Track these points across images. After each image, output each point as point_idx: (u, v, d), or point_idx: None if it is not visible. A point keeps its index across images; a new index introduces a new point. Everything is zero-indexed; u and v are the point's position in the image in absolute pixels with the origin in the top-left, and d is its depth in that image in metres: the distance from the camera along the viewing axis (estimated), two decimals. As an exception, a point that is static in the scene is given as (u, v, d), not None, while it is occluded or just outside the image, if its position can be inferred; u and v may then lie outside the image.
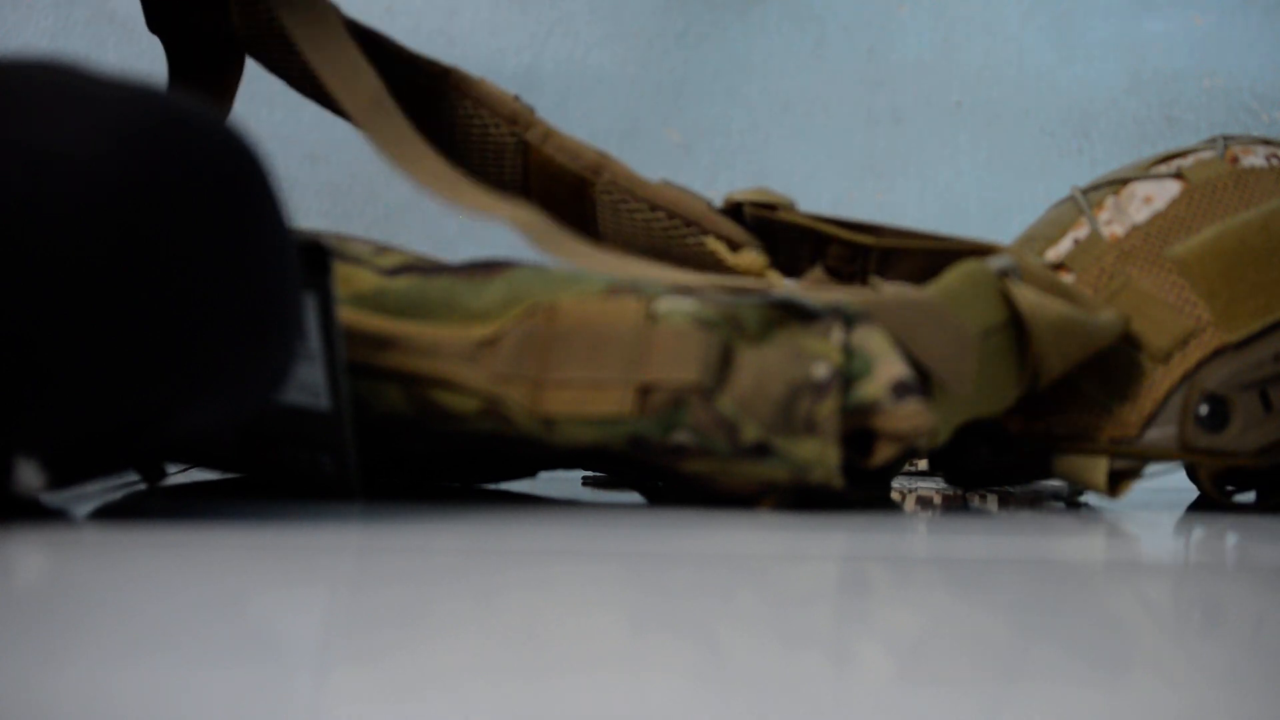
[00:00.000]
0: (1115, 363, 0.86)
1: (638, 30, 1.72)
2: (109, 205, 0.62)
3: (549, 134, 0.98)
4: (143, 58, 1.75)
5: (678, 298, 0.78)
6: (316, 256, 0.75)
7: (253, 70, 1.71)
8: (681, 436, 0.78)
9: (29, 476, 0.66)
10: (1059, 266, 0.89)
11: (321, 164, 1.71)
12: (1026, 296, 0.81)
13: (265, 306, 0.66)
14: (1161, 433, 0.86)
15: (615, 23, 1.73)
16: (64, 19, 1.73)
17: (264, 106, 1.73)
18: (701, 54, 1.71)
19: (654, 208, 0.95)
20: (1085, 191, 0.92)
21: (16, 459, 0.66)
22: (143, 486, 0.90)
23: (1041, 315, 0.82)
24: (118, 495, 0.84)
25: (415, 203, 1.71)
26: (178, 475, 0.99)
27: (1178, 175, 0.90)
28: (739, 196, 0.95)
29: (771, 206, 0.94)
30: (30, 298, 0.61)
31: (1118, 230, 0.89)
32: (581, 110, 1.72)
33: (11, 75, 0.65)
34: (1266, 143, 0.92)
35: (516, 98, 0.99)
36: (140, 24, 1.72)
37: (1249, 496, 0.94)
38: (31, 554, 0.59)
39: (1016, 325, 0.82)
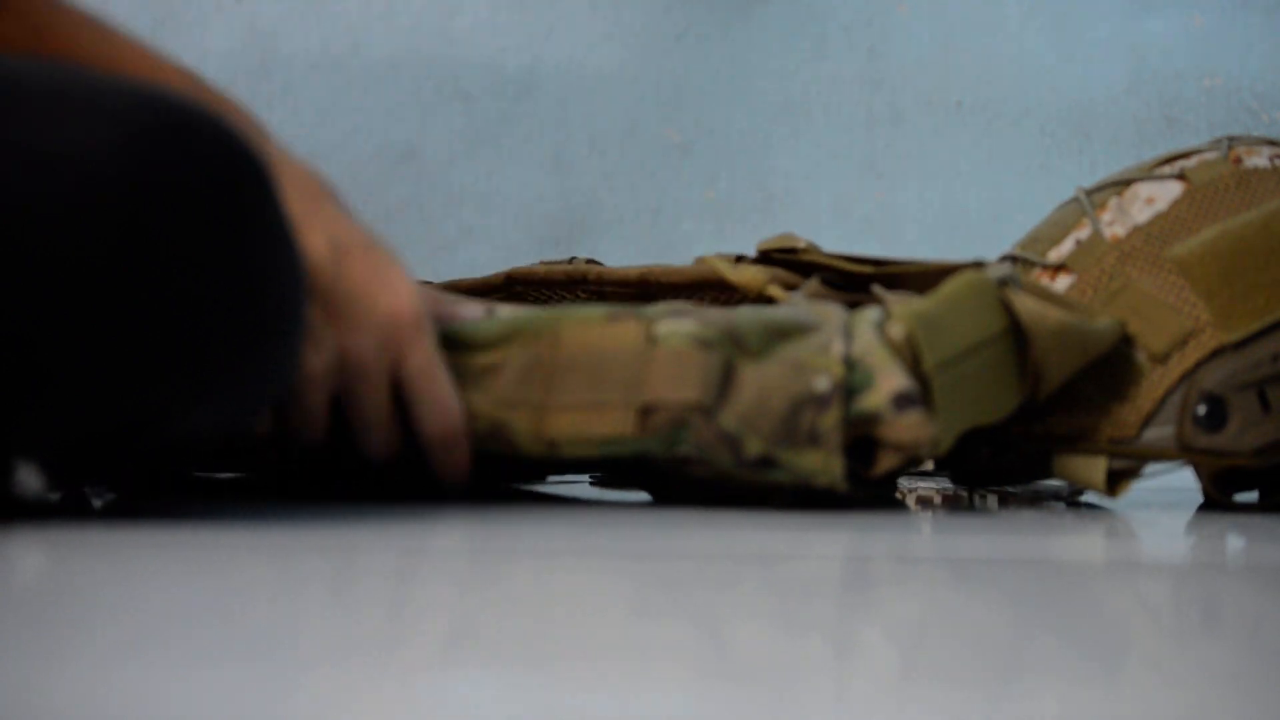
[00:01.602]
0: (1114, 363, 0.86)
1: (638, 30, 1.73)
2: (110, 206, 0.62)
3: (600, 272, 1.02)
4: (143, 58, 1.75)
5: (677, 319, 0.78)
6: None
7: (254, 71, 1.71)
8: (685, 450, 0.78)
9: (29, 478, 0.66)
10: (1061, 267, 0.89)
11: (321, 164, 1.72)
12: (1026, 305, 0.81)
13: (267, 308, 0.66)
14: (1160, 433, 0.86)
15: (615, 23, 1.73)
16: (64, 19, 1.73)
17: (264, 107, 1.73)
18: (701, 54, 1.71)
19: (695, 286, 0.98)
20: (1090, 192, 0.92)
21: (17, 460, 0.66)
22: (135, 489, 0.90)
23: (1041, 323, 0.82)
24: (118, 495, 0.84)
25: (415, 202, 1.71)
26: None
27: (1180, 176, 0.90)
28: (766, 245, 0.97)
29: (794, 250, 0.95)
30: (31, 298, 0.61)
31: (1119, 231, 0.89)
32: (581, 110, 1.72)
33: (14, 76, 0.66)
34: (1272, 143, 0.92)
35: (570, 259, 1.04)
36: (139, 24, 1.72)
37: (1251, 496, 0.94)
38: (32, 554, 0.59)
39: (1016, 333, 0.82)
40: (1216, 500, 0.92)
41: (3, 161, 0.61)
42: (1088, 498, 0.96)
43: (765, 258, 0.96)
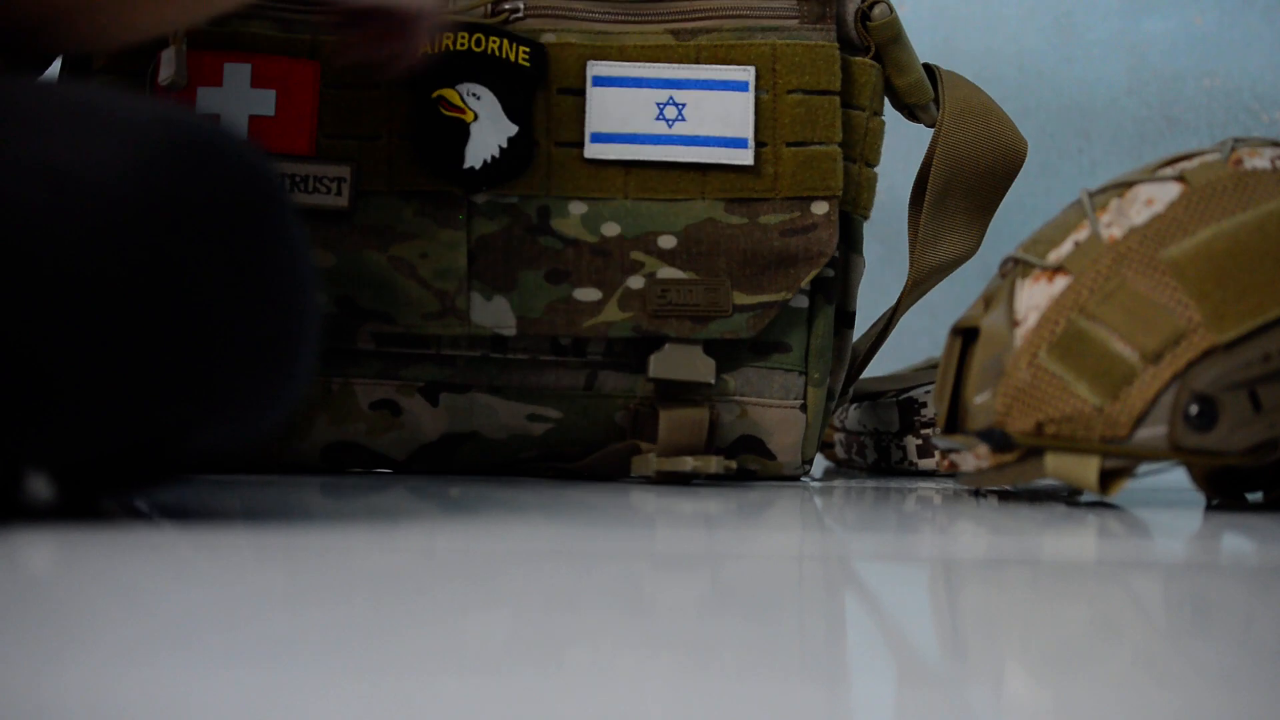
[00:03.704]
0: (1107, 363, 0.86)
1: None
2: (128, 226, 0.62)
3: None
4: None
5: None
6: None
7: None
8: None
9: (39, 488, 0.67)
10: (1059, 269, 0.89)
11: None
12: None
13: (281, 329, 0.66)
14: (1151, 432, 0.86)
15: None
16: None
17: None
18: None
19: None
20: (1093, 194, 0.92)
21: (27, 472, 0.66)
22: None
23: None
24: (121, 495, 0.84)
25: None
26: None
27: (1180, 178, 0.90)
28: None
29: None
30: (48, 316, 0.62)
31: (1116, 233, 0.89)
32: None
33: (35, 96, 0.66)
34: (1276, 145, 0.92)
35: None
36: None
37: (1253, 496, 0.94)
38: (39, 555, 0.59)
39: None
40: (1208, 498, 0.92)
41: (23, 180, 0.62)
42: (1087, 496, 0.96)
43: None
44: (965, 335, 0.94)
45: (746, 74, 1.04)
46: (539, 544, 0.67)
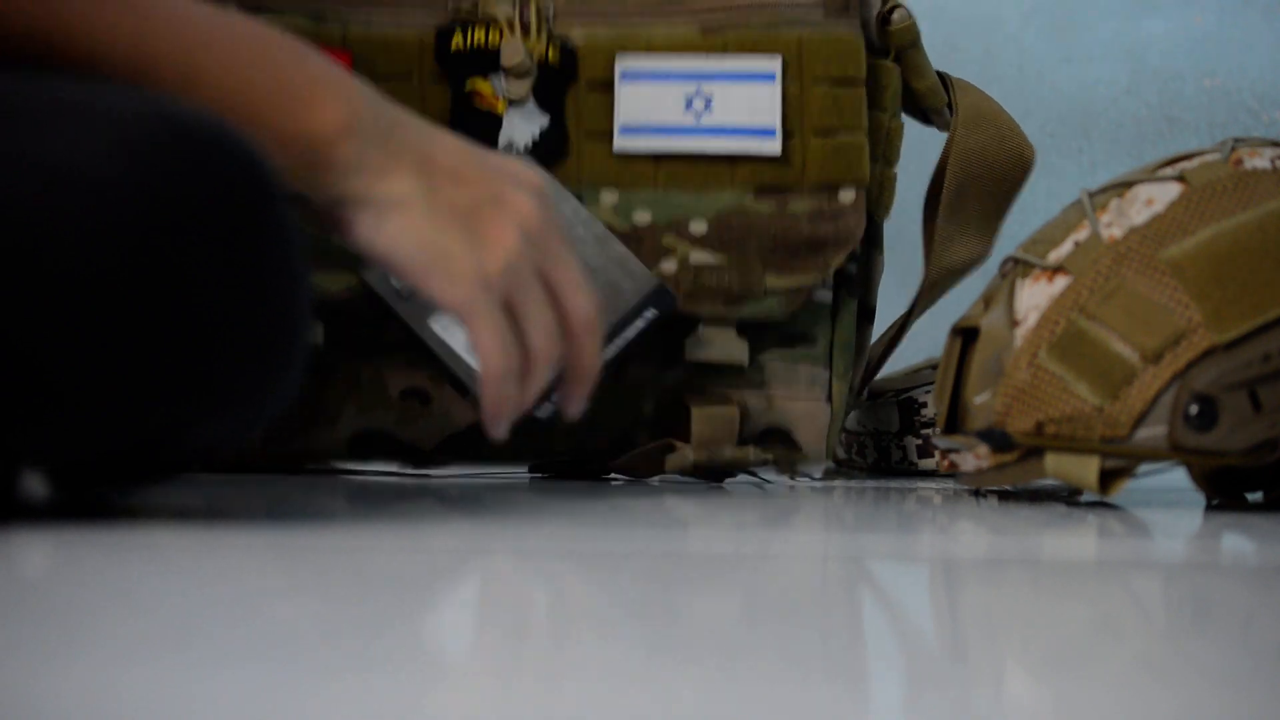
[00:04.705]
0: (1107, 363, 0.87)
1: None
2: (122, 223, 0.62)
3: None
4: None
5: None
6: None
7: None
8: None
9: (36, 486, 0.67)
10: (1059, 269, 0.90)
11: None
12: None
13: (277, 324, 0.66)
14: (1151, 432, 0.86)
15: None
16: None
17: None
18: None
19: None
20: (1093, 194, 0.92)
21: (23, 469, 0.66)
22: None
23: None
24: (122, 494, 0.85)
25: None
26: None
27: (1180, 178, 0.90)
28: None
29: None
30: (43, 314, 0.62)
31: (1116, 233, 0.89)
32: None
33: (26, 89, 0.66)
34: (1276, 145, 0.92)
35: None
36: None
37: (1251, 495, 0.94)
38: (41, 553, 0.59)
39: None
40: (1208, 497, 0.92)
41: (14, 175, 0.62)
42: (1088, 496, 0.96)
43: None
44: (965, 335, 0.94)
45: (773, 64, 1.05)
46: (539, 543, 0.67)
